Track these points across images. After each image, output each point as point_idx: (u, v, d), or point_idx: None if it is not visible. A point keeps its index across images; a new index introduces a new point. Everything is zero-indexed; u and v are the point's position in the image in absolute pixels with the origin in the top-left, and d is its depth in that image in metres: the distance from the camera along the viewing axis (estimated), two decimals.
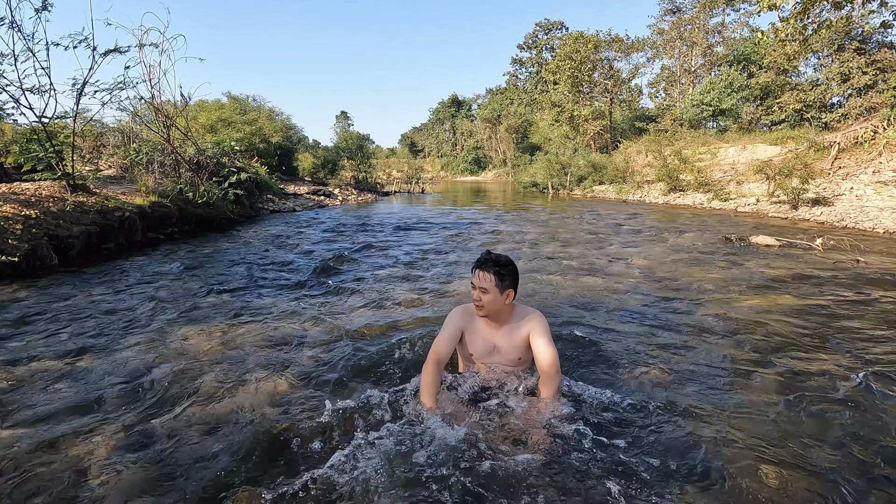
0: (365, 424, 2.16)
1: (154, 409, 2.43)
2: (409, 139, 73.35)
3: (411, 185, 24.51)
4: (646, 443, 2.02)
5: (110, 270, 5.77)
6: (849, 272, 5.21)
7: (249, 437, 2.12)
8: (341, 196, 17.58)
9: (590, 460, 1.88)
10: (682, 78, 36.86)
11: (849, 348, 3.07)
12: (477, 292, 2.37)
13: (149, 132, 9.38)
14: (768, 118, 28.64)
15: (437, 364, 2.35)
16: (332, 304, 4.31)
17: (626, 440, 2.01)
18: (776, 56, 28.43)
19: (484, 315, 2.42)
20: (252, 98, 21.54)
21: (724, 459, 1.91)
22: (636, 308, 4.05)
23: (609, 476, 1.79)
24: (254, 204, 12.38)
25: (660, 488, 1.74)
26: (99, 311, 4.07)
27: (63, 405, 2.47)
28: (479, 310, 2.40)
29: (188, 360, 2.99)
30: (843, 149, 15.40)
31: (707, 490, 1.75)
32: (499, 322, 2.44)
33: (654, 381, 2.63)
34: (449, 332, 2.46)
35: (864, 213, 9.46)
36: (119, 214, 7.27)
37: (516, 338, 2.43)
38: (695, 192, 15.50)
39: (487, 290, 2.35)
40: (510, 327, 2.44)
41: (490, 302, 2.37)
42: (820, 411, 2.29)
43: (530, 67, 53.21)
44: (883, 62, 24.52)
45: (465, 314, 2.51)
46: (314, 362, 2.97)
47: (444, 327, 2.49)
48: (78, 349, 3.21)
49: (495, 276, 2.36)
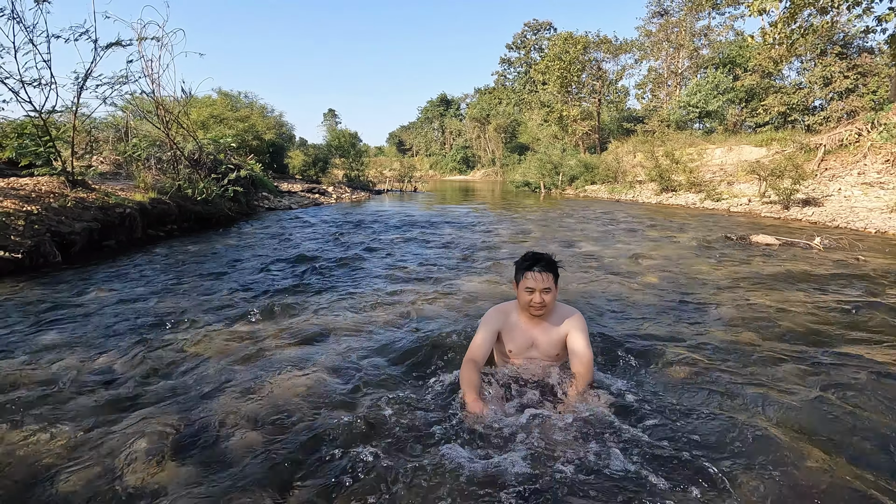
0: (404, 422, 2.15)
1: (190, 406, 2.39)
2: (397, 138, 73.13)
3: (404, 183, 24.47)
4: (680, 434, 2.04)
5: (115, 267, 5.67)
6: (852, 270, 5.36)
7: (292, 434, 2.11)
8: (336, 194, 17.47)
9: (624, 452, 1.90)
10: (668, 80, 37.40)
11: (868, 342, 3.16)
12: (538, 295, 2.35)
13: (147, 128, 9.20)
14: (753, 120, 29.26)
15: (474, 363, 2.37)
16: (349, 301, 4.28)
17: (659, 433, 2.05)
18: (761, 59, 29.01)
19: (541, 315, 2.42)
20: (244, 95, 21.28)
21: (762, 452, 1.94)
22: (654, 304, 4.11)
23: (646, 467, 1.82)
24: (250, 201, 12.24)
25: (696, 478, 1.78)
26: (115, 309, 3.99)
27: (94, 403, 2.43)
28: (539, 310, 2.39)
29: (214, 359, 2.94)
30: (829, 151, 15.80)
31: (744, 483, 1.80)
32: (541, 319, 2.46)
33: (681, 376, 2.66)
34: (485, 332, 2.47)
35: (855, 214, 9.73)
36: (120, 211, 7.13)
37: (556, 334, 2.46)
38: (687, 192, 15.76)
39: (550, 290, 2.37)
40: (550, 324, 2.47)
41: (551, 301, 2.40)
42: (851, 403, 2.36)
43: (519, 67, 53.45)
44: (863, 66, 25.23)
45: (500, 314, 2.53)
46: (342, 359, 2.94)
47: (480, 328, 2.50)
48: (100, 347, 3.16)
49: (554, 275, 2.40)
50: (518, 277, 2.42)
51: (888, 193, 11.33)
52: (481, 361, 2.41)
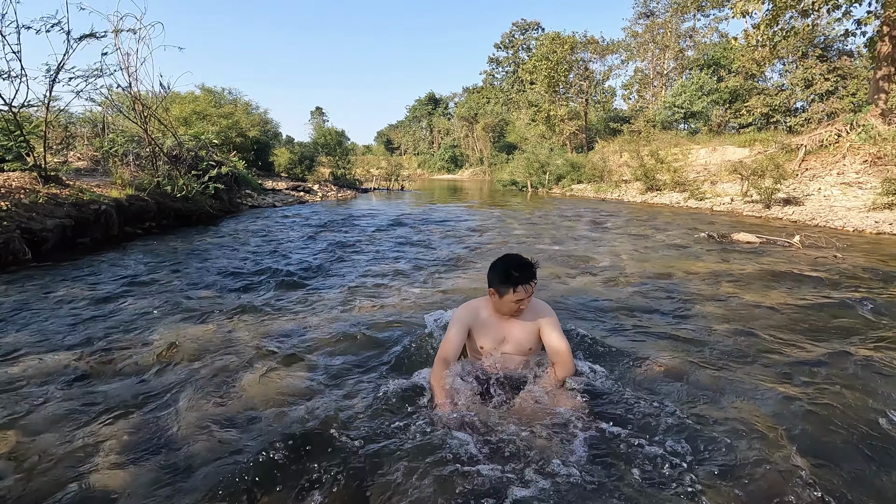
0: (379, 423, 2.10)
1: (159, 407, 2.32)
2: (385, 136, 72.84)
3: (391, 182, 24.33)
4: (660, 430, 2.02)
5: (88, 265, 5.51)
6: (830, 267, 5.43)
7: (263, 436, 2.05)
8: (321, 192, 17.30)
9: (607, 447, 1.89)
10: (654, 80, 37.76)
11: (843, 337, 3.19)
12: (526, 301, 2.38)
13: (124, 123, 8.98)
14: (737, 121, 29.68)
15: (445, 363, 2.36)
16: (330, 299, 4.22)
17: (638, 429, 2.03)
18: (744, 61, 29.43)
19: (518, 315, 2.45)
20: (228, 91, 20.96)
21: (738, 451, 1.93)
22: (634, 303, 4.11)
23: (626, 463, 1.80)
24: (232, 199, 12.04)
25: (674, 474, 1.76)
26: (85, 308, 3.88)
27: (61, 405, 2.34)
28: (519, 313, 2.44)
29: (186, 359, 2.85)
30: (810, 151, 16.06)
31: (722, 479, 1.78)
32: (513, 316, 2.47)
33: (660, 373, 2.64)
34: (456, 330, 2.46)
35: (834, 213, 9.89)
36: (95, 208, 6.95)
37: (528, 328, 2.48)
38: (671, 191, 15.89)
39: (531, 294, 2.40)
40: (522, 319, 2.48)
41: (529, 302, 2.44)
42: (827, 399, 2.36)
43: (507, 67, 53.55)
44: (843, 69, 25.73)
45: (470, 310, 2.53)
46: (319, 358, 2.89)
47: (451, 326, 2.48)
48: (68, 346, 3.05)
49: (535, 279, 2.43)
50: (503, 290, 2.36)
51: (866, 193, 11.53)
52: (453, 360, 2.41)
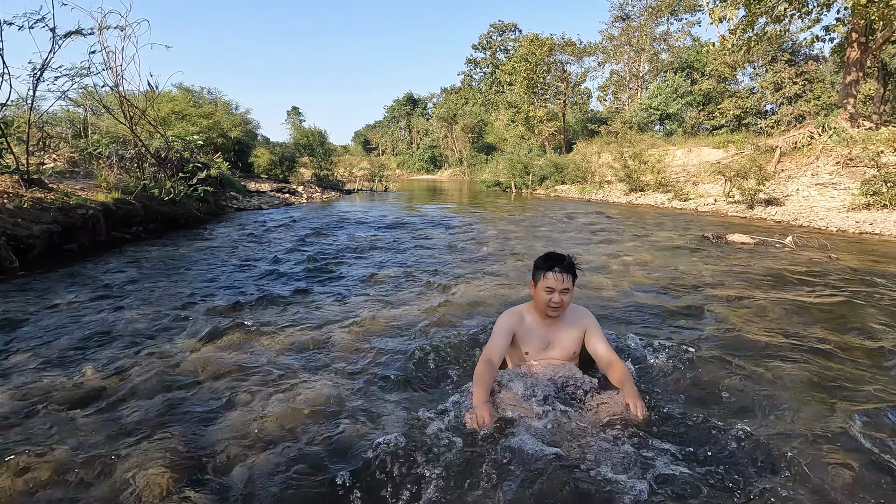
0: (418, 435, 2.03)
1: (188, 429, 2.17)
2: (363, 136, 72.19)
3: (374, 182, 24.09)
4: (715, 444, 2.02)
5: (80, 272, 5.25)
6: (829, 268, 5.61)
7: (302, 457, 1.96)
8: (306, 194, 17.00)
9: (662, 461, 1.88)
10: (630, 83, 38.53)
11: (862, 337, 3.28)
12: (557, 295, 2.37)
13: (107, 123, 8.60)
14: (710, 123, 30.53)
15: (489, 364, 2.35)
16: (340, 306, 4.09)
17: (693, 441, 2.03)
18: (717, 65, 30.29)
19: (558, 315, 2.44)
20: (207, 90, 20.35)
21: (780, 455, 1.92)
22: (644, 303, 4.13)
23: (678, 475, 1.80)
24: (218, 201, 11.72)
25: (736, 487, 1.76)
26: (84, 320, 3.67)
27: (74, 427, 2.19)
28: (556, 311, 2.41)
29: (202, 373, 2.72)
30: (784, 153, 16.63)
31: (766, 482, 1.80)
32: (556, 319, 2.47)
33: (680, 378, 2.63)
34: (500, 335, 2.46)
35: (815, 213, 10.25)
36: (82, 212, 6.64)
37: (573, 333, 2.49)
38: (655, 192, 16.21)
39: (569, 290, 2.40)
40: (566, 323, 2.49)
41: (568, 302, 2.43)
42: (848, 400, 2.42)
43: (485, 68, 53.80)
44: (810, 73, 26.79)
45: (513, 316, 2.53)
46: (343, 369, 2.78)
47: (496, 331, 2.49)
48: (70, 362, 2.88)
49: (573, 277, 2.43)
50: (537, 277, 2.44)
51: (841, 194, 12.00)
52: (497, 363, 2.40)
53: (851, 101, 16.35)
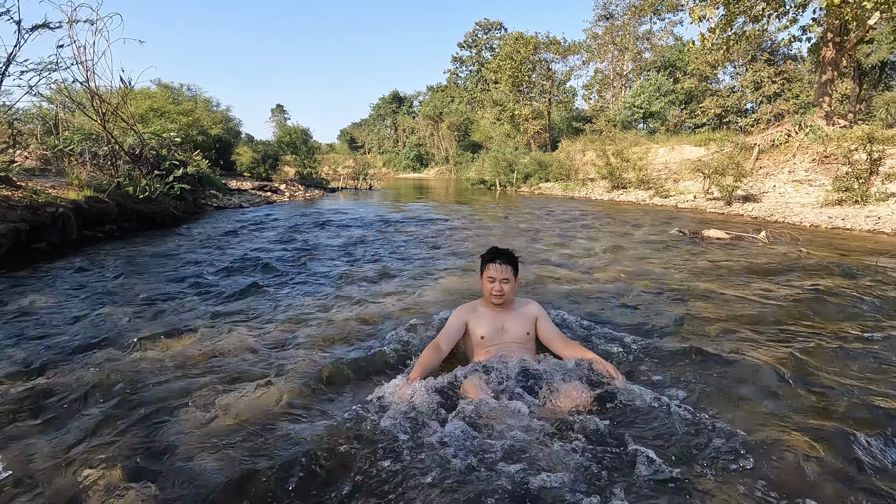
0: (371, 427, 2.05)
1: (153, 426, 2.15)
2: (349, 135, 71.81)
3: (359, 181, 23.95)
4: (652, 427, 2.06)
5: (48, 272, 5.13)
6: (801, 262, 5.72)
7: (256, 451, 1.95)
8: (289, 192, 16.84)
9: (610, 443, 1.90)
10: (614, 81, 38.84)
11: (826, 328, 3.35)
12: (498, 284, 2.59)
13: (79, 120, 8.41)
14: (692, 121, 30.93)
15: (436, 348, 2.49)
16: (314, 305, 4.06)
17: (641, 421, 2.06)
18: (698, 64, 30.67)
19: (502, 304, 2.63)
20: (186, 87, 20.02)
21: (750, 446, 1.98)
22: (619, 300, 4.16)
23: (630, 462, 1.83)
24: (197, 200, 11.55)
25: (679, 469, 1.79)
26: (50, 320, 3.59)
27: (34, 427, 2.15)
28: (499, 298, 2.60)
29: (165, 373, 2.67)
30: (763, 150, 16.92)
31: (732, 475, 1.83)
32: (505, 307, 2.67)
33: (648, 370, 2.67)
34: (453, 321, 2.65)
35: (790, 209, 10.44)
36: (52, 210, 6.49)
37: (524, 316, 2.67)
38: (636, 189, 16.38)
39: (508, 280, 2.61)
40: (515, 311, 2.69)
41: (510, 291, 2.63)
42: (820, 388, 2.47)
43: (471, 66, 53.80)
44: (788, 73, 27.28)
45: (466, 308, 2.73)
46: (307, 365, 2.75)
47: (448, 321, 2.68)
48: (33, 363, 2.80)
49: (514, 268, 2.64)
50: (482, 269, 2.68)
51: (816, 190, 12.24)
52: (445, 349, 2.54)
53: (827, 99, 16.68)
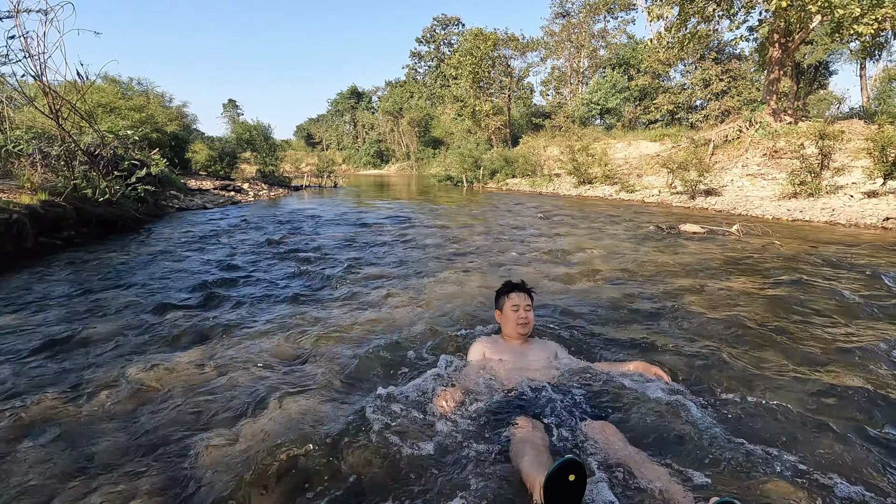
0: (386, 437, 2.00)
1: (164, 454, 2.00)
2: (306, 131, 69.95)
3: (322, 179, 23.35)
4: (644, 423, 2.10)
5: (3, 285, 4.68)
6: (773, 253, 6.02)
7: (278, 467, 1.85)
8: (253, 192, 16.21)
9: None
10: (571, 78, 39.72)
11: (804, 315, 3.54)
12: (523, 310, 2.62)
13: (24, 117, 7.70)
14: (646, 117, 32.11)
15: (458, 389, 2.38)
16: (302, 310, 3.86)
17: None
18: (651, 62, 31.82)
19: (526, 332, 2.63)
20: (136, 81, 18.77)
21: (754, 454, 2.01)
22: (606, 295, 4.20)
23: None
24: (158, 201, 10.90)
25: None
26: (10, 338, 3.26)
27: (39, 458, 1.94)
28: (524, 327, 2.61)
29: (166, 392, 2.50)
30: (717, 146, 17.77)
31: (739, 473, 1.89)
32: (526, 340, 2.66)
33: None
34: (474, 354, 2.58)
35: (750, 202, 11.01)
36: (5, 217, 5.92)
37: (546, 348, 2.66)
38: (602, 184, 16.82)
39: (531, 308, 2.67)
40: (536, 346, 2.67)
41: (532, 320, 2.68)
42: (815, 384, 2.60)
43: (429, 61, 53.60)
44: (734, 71, 28.76)
45: (484, 341, 2.67)
46: (317, 374, 2.67)
47: (469, 354, 2.61)
48: (25, 389, 2.55)
49: (531, 297, 2.71)
50: (501, 302, 2.71)
51: (770, 184, 12.97)
52: (472, 387, 2.41)
53: (774, 97, 17.70)
